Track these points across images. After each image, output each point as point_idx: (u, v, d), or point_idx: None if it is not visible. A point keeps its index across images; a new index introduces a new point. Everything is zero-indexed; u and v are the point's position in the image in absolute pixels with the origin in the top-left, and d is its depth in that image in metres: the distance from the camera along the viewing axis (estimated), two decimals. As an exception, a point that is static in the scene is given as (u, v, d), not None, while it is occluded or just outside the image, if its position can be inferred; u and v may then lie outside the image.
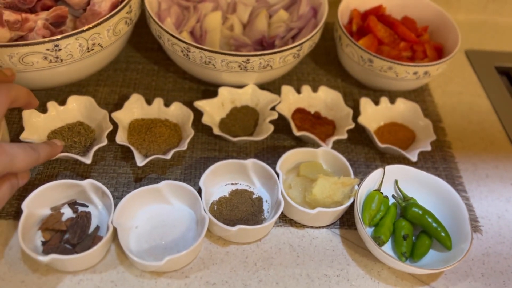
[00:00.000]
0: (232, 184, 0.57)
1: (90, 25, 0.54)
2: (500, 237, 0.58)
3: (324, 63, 0.76)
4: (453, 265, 0.49)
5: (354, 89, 0.72)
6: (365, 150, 0.64)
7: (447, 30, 0.70)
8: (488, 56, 0.81)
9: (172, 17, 0.67)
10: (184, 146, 0.56)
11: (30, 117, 0.57)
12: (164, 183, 0.52)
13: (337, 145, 0.64)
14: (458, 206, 0.54)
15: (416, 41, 0.68)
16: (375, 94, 0.71)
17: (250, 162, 0.55)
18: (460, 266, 0.54)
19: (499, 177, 0.64)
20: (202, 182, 0.53)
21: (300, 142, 0.64)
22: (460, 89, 0.76)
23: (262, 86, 0.70)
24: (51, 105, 0.58)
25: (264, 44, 0.68)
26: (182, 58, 0.61)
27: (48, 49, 0.53)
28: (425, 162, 0.64)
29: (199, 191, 0.53)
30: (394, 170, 0.56)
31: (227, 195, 0.56)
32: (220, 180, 0.57)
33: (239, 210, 0.54)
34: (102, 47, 0.57)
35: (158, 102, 0.61)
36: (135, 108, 0.60)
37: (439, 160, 0.64)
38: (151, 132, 0.58)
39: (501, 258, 0.56)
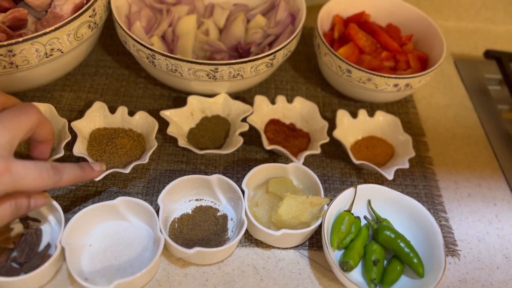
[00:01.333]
0: (197, 200, 0.54)
1: (47, 30, 0.51)
2: (479, 262, 0.55)
3: (304, 71, 0.73)
4: (423, 295, 0.46)
5: (334, 99, 0.69)
6: (341, 165, 0.61)
7: (433, 39, 0.67)
8: (479, 66, 0.78)
9: (142, 20, 0.64)
10: (145, 160, 0.53)
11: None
12: (119, 199, 0.49)
13: (311, 159, 0.61)
14: (433, 230, 0.50)
15: (398, 51, 0.65)
16: (356, 105, 0.68)
17: (215, 178, 0.52)
18: (434, 293, 0.51)
19: (481, 197, 0.61)
20: (160, 200, 0.50)
21: (274, 155, 0.61)
22: (447, 101, 0.72)
23: (238, 95, 0.67)
24: (9, 112, 0.55)
25: (240, 51, 0.65)
26: (148, 65, 0.58)
27: (1, 55, 0.50)
28: (404, 179, 0.61)
29: (159, 209, 0.50)
30: (367, 189, 0.53)
31: (190, 212, 0.53)
32: (184, 195, 0.54)
33: (201, 229, 0.51)
34: (62, 52, 0.54)
35: (122, 110, 0.57)
36: (97, 116, 0.57)
37: (419, 177, 0.61)
38: (112, 143, 0.55)
39: (478, 286, 0.53)
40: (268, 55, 0.56)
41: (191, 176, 0.52)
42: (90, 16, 0.56)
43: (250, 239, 0.53)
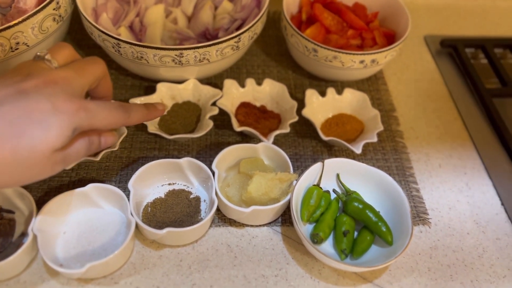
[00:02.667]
0: (170, 184, 0.55)
1: (11, 24, 0.52)
2: (450, 229, 0.56)
3: (275, 54, 0.73)
4: (390, 262, 0.47)
5: (305, 80, 0.70)
6: (312, 144, 0.62)
7: (399, 16, 0.68)
8: (448, 41, 0.79)
9: (109, 12, 0.64)
10: (115, 147, 0.54)
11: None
12: (90, 186, 0.50)
13: (284, 139, 0.62)
14: (400, 199, 0.51)
15: (364, 28, 0.66)
16: (327, 85, 0.69)
17: (185, 161, 0.53)
18: (406, 261, 0.52)
19: (452, 167, 0.62)
20: (130, 184, 0.51)
21: (246, 138, 0.62)
22: (417, 77, 0.73)
23: (209, 80, 0.67)
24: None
25: (208, 37, 0.66)
26: (114, 55, 0.58)
27: (-34, 50, 0.51)
28: (375, 154, 0.62)
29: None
30: (335, 164, 0.54)
31: (163, 196, 0.53)
32: (156, 180, 0.54)
33: (174, 211, 0.52)
34: (28, 46, 0.55)
35: (92, 101, 0.58)
36: (68, 108, 0.58)
37: (390, 151, 0.62)
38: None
39: (449, 251, 0.54)
40: (232, 38, 0.57)
41: (161, 160, 0.53)
42: (54, 9, 0.56)
43: (223, 219, 0.54)
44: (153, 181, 0.54)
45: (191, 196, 0.54)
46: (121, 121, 0.44)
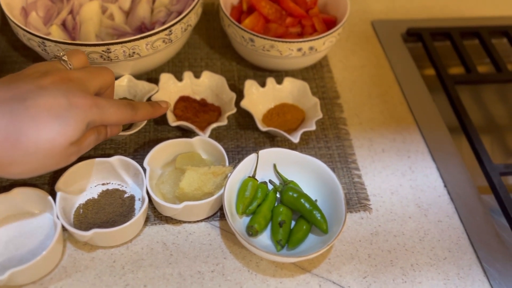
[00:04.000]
0: (103, 184, 0.54)
1: None
2: (392, 214, 0.55)
3: (219, 47, 0.72)
4: (322, 249, 0.46)
5: (250, 72, 0.69)
6: (255, 135, 0.61)
7: (338, 1, 0.67)
8: (396, 26, 0.78)
9: (39, 10, 0.62)
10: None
11: None
12: (15, 190, 0.48)
13: (225, 133, 0.61)
14: (334, 186, 0.51)
15: (303, 16, 0.65)
16: (271, 75, 0.68)
17: (116, 159, 0.52)
18: (346, 248, 0.52)
19: (396, 151, 0.62)
20: (57, 187, 0.49)
21: (187, 132, 0.61)
22: (364, 62, 0.73)
23: (149, 76, 0.66)
24: None
25: (144, 31, 0.64)
26: (43, 54, 0.57)
27: None
28: (318, 142, 0.61)
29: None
30: (271, 154, 0.53)
31: (96, 197, 0.52)
32: (88, 181, 0.53)
33: (106, 211, 0.51)
34: None
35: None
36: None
37: (333, 138, 0.61)
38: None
39: (390, 236, 0.53)
40: (162, 30, 0.56)
41: (89, 160, 0.51)
42: (-25, 9, 0.54)
43: (160, 217, 0.53)
44: (85, 182, 0.53)
45: (125, 196, 0.53)
46: (128, 118, 0.47)
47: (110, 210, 0.51)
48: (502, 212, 0.57)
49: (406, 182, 0.58)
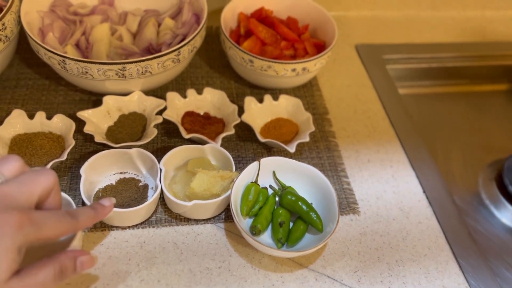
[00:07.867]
0: (121, 173, 0.60)
1: (-43, 44, 0.55)
2: (378, 216, 0.62)
3: (218, 67, 0.79)
4: (319, 246, 0.52)
5: (247, 89, 0.75)
6: (253, 146, 0.67)
7: (327, 27, 0.75)
8: (376, 49, 0.87)
9: (55, 31, 0.68)
10: (63, 157, 0.57)
11: None
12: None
13: (227, 143, 0.67)
14: (328, 190, 0.57)
15: (296, 40, 0.72)
16: (266, 93, 0.74)
17: (135, 151, 0.58)
18: (338, 247, 0.58)
19: (380, 161, 0.69)
20: (83, 170, 0.55)
21: (196, 144, 0.66)
22: (348, 82, 0.80)
23: (155, 93, 0.72)
24: None
25: (152, 51, 0.70)
26: (61, 71, 0.62)
27: None
28: (310, 153, 0.67)
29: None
30: (270, 162, 0.59)
31: (114, 183, 0.58)
32: (107, 169, 0.59)
33: (122, 196, 0.57)
34: (-25, 65, 0.58)
35: (40, 115, 0.61)
36: (18, 123, 0.61)
37: (324, 149, 0.68)
38: (32, 146, 0.58)
39: (377, 236, 0.60)
40: (172, 51, 0.62)
41: (111, 150, 0.58)
42: (0, 30, 0.59)
43: (170, 220, 0.58)
44: (104, 170, 0.59)
45: (140, 184, 0.59)
46: (70, 229, 0.40)
47: (126, 195, 0.57)
48: None
49: (390, 188, 0.65)
